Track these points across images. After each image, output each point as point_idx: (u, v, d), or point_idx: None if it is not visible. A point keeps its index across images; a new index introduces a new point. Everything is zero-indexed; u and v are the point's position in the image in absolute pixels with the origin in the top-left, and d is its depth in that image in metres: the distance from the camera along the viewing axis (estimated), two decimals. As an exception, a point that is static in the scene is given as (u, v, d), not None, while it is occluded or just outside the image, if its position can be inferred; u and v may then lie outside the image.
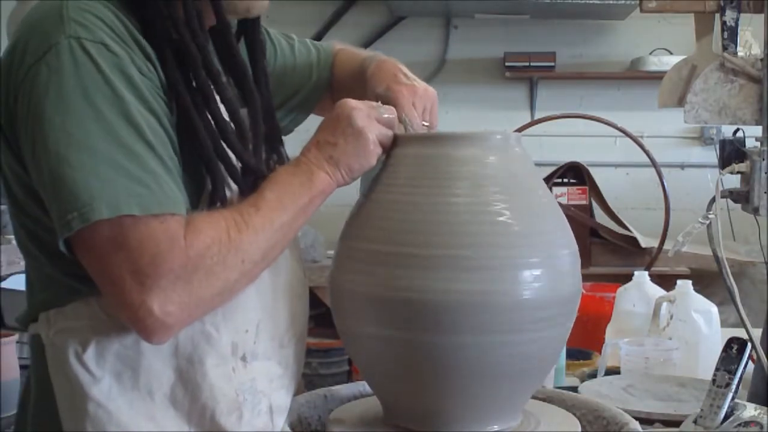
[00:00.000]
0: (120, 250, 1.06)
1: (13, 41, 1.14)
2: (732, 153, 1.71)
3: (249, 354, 1.23)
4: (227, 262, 1.11)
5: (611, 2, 4.50)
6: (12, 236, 3.06)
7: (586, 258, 3.66)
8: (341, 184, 1.24)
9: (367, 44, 5.01)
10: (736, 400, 1.43)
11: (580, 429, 1.31)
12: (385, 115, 1.26)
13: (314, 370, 3.74)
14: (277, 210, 1.17)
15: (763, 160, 1.64)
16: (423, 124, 1.34)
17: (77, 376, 1.15)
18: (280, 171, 1.23)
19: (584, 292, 1.33)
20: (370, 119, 1.24)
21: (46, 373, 1.19)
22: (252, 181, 1.22)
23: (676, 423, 1.53)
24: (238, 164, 1.21)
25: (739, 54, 1.72)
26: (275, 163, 1.31)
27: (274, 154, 1.33)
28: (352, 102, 1.25)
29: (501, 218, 1.21)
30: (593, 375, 1.97)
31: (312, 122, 4.72)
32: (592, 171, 3.92)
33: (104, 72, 1.08)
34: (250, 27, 1.32)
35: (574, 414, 1.37)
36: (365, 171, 1.25)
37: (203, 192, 1.18)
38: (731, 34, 1.71)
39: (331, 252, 1.33)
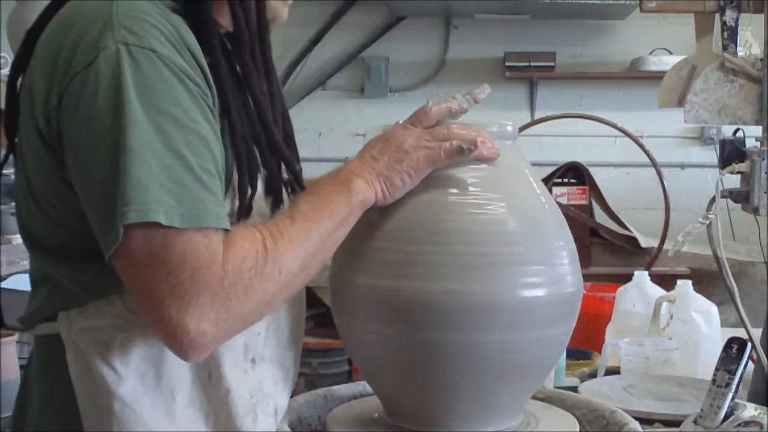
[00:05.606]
0: (161, 265, 1.04)
1: (57, 44, 1.11)
2: (732, 153, 1.71)
3: (258, 356, 1.23)
4: (265, 274, 1.09)
5: (611, 2, 4.51)
6: (12, 236, 3.06)
7: (586, 258, 3.66)
8: (380, 198, 1.21)
9: (367, 44, 5.02)
10: (736, 400, 1.43)
11: (579, 429, 1.31)
12: (440, 137, 1.22)
13: (314, 370, 3.74)
14: (313, 220, 1.15)
15: (763, 160, 1.64)
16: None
17: (103, 375, 1.14)
18: (319, 181, 1.21)
19: (584, 292, 1.33)
20: (419, 140, 1.22)
21: (59, 373, 1.18)
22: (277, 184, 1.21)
23: (676, 423, 1.53)
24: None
25: (739, 54, 1.72)
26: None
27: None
28: (404, 124, 1.25)
29: (500, 217, 1.21)
30: (593, 375, 1.97)
31: (312, 122, 4.70)
32: (592, 171, 3.92)
33: (150, 81, 1.06)
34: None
35: (574, 414, 1.37)
36: (408, 190, 1.22)
37: (230, 182, 1.16)
38: (731, 34, 1.72)
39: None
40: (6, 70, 1.27)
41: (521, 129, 3.25)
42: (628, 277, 2.26)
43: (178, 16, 1.13)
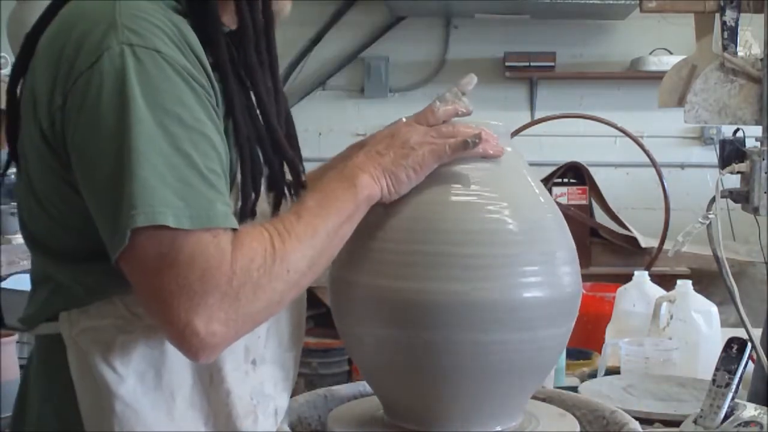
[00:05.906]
0: (170, 266, 1.03)
1: (60, 44, 1.11)
2: (732, 153, 1.71)
3: (258, 358, 1.23)
4: (273, 273, 1.08)
5: (611, 2, 4.51)
6: (12, 236, 3.06)
7: (586, 258, 3.66)
8: (385, 194, 1.21)
9: (367, 44, 5.02)
10: (736, 400, 1.43)
11: (579, 429, 1.31)
12: (446, 134, 1.23)
13: (314, 370, 3.74)
14: (319, 217, 1.14)
15: (763, 160, 1.64)
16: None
17: (103, 375, 1.14)
18: (323, 175, 1.21)
19: (584, 292, 1.33)
20: (425, 137, 1.22)
21: (59, 373, 1.18)
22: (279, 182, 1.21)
23: (676, 423, 1.53)
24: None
25: (739, 54, 1.72)
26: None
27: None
28: (410, 122, 1.25)
29: (499, 217, 1.21)
30: (593, 375, 1.97)
31: (312, 122, 4.69)
32: (592, 171, 3.93)
33: (154, 81, 1.05)
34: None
35: (574, 414, 1.37)
36: (413, 186, 1.22)
37: (233, 184, 1.16)
38: (731, 34, 1.71)
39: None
40: (6, 71, 1.27)
41: (521, 129, 3.27)
42: (628, 277, 2.26)
43: (180, 16, 1.13)
